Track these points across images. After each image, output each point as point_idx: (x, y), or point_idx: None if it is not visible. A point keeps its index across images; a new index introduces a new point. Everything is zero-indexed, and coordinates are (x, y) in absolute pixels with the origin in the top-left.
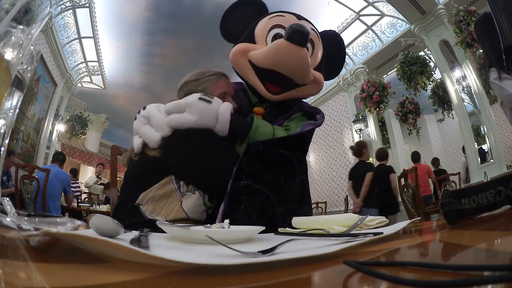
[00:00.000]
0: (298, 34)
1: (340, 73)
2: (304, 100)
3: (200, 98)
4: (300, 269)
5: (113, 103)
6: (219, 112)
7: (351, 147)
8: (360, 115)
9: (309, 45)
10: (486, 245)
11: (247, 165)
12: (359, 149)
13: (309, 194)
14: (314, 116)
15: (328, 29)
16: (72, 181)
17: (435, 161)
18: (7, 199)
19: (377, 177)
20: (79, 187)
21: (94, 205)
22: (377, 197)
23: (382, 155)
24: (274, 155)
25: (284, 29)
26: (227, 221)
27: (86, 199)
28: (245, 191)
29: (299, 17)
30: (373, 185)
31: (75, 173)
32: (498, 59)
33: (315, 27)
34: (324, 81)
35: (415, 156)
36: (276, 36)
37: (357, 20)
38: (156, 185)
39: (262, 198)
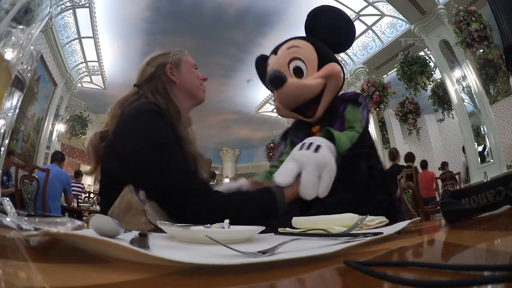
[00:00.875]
0: (271, 84)
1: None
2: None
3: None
4: (300, 269)
5: (112, 103)
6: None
7: (389, 152)
8: None
9: (299, 62)
10: (486, 245)
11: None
12: (396, 154)
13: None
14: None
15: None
16: (75, 182)
17: (445, 165)
18: (7, 199)
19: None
20: (83, 188)
21: (94, 205)
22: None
23: (393, 156)
24: (358, 157)
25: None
26: (227, 221)
27: (86, 199)
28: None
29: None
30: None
31: (78, 174)
32: None
33: (303, 36)
34: (339, 53)
35: (423, 164)
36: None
37: (357, 20)
38: (117, 200)
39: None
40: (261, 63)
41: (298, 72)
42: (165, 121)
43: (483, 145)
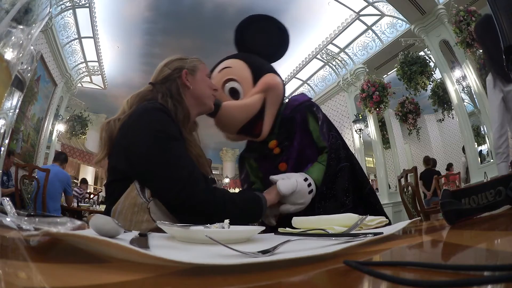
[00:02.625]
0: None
1: (340, 73)
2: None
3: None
4: (300, 269)
5: (113, 103)
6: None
7: (425, 160)
8: (360, 115)
9: (233, 83)
10: (486, 245)
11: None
12: (428, 161)
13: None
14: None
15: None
16: (79, 188)
17: (449, 166)
18: (7, 199)
19: (427, 178)
20: (82, 194)
21: (94, 205)
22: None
23: (428, 161)
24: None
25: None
26: (227, 221)
27: (86, 199)
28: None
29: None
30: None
31: (85, 182)
32: (495, 64)
33: (235, 53)
34: (276, 61)
35: (448, 166)
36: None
37: (357, 20)
38: (122, 197)
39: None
40: None
41: (234, 93)
42: (171, 119)
43: (481, 146)
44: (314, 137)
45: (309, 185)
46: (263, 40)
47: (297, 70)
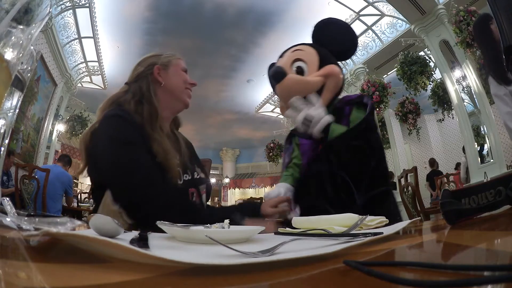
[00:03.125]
0: (272, 78)
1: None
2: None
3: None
4: (300, 269)
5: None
6: (323, 118)
7: (430, 162)
8: None
9: (301, 63)
10: (486, 245)
11: (326, 158)
12: (434, 162)
13: (386, 176)
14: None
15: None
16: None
17: (458, 166)
18: (7, 199)
19: (432, 180)
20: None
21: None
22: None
23: (434, 163)
24: (348, 147)
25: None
26: (227, 221)
27: (86, 199)
28: (324, 178)
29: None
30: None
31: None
32: (494, 65)
33: (309, 42)
34: (342, 61)
35: (457, 166)
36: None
37: (357, 20)
38: (100, 205)
39: (342, 186)
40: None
41: (300, 72)
42: (129, 123)
43: (481, 145)
44: (351, 122)
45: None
46: (336, 40)
47: None
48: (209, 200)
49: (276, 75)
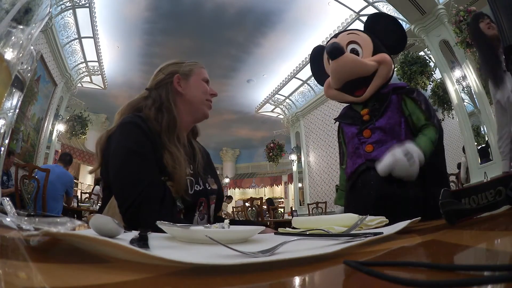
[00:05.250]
0: (329, 53)
1: None
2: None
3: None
4: (300, 269)
5: (113, 103)
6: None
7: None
8: None
9: (356, 45)
10: (486, 245)
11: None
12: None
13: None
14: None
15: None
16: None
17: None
18: (7, 199)
19: None
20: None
21: (94, 205)
22: None
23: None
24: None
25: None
26: (227, 221)
27: (86, 199)
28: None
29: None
30: None
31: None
32: (485, 65)
33: (364, 29)
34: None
35: (458, 165)
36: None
37: (357, 20)
38: (106, 206)
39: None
40: (316, 54)
41: (355, 54)
42: (143, 132)
43: (485, 144)
44: (413, 119)
45: (410, 158)
46: (388, 34)
47: (297, 70)
48: (219, 210)
49: (334, 51)
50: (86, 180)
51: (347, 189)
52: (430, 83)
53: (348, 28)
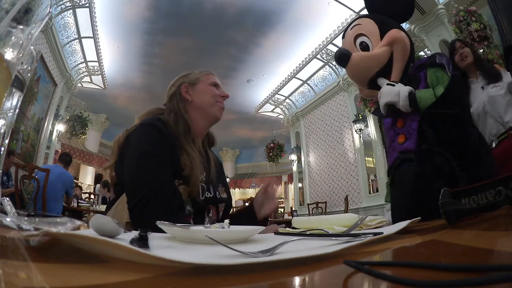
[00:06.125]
0: (338, 63)
1: (340, 73)
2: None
3: (387, 84)
4: (300, 269)
5: (113, 103)
6: (400, 91)
7: None
8: (360, 115)
9: (363, 37)
10: (486, 245)
11: (425, 132)
12: None
13: (485, 143)
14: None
15: None
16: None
17: None
18: (7, 199)
19: None
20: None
21: (94, 205)
22: None
23: None
24: (441, 115)
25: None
26: (227, 221)
27: (87, 199)
28: (427, 154)
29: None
30: None
31: (106, 185)
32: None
33: (370, 15)
34: (402, 23)
35: None
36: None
37: None
38: (117, 201)
39: (441, 159)
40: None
41: (365, 47)
42: (161, 134)
43: None
44: (429, 85)
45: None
46: (390, 2)
47: (297, 70)
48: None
49: (340, 59)
50: (86, 180)
51: (388, 185)
52: None
53: (353, 20)
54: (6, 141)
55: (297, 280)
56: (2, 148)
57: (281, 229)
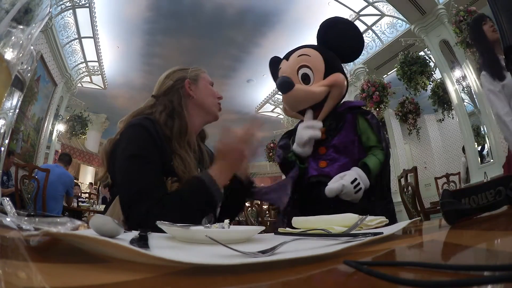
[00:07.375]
0: (280, 89)
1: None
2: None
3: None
4: (300, 269)
5: (113, 103)
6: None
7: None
8: None
9: (307, 69)
10: (486, 245)
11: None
12: None
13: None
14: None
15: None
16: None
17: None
18: (7, 199)
19: None
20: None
21: (94, 205)
22: None
23: None
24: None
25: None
26: (227, 221)
27: (87, 199)
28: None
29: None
30: None
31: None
32: (488, 62)
33: (315, 44)
34: (348, 62)
35: None
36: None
37: (357, 20)
38: (112, 204)
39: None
40: (274, 64)
41: (306, 79)
42: (150, 135)
43: (482, 145)
44: (363, 138)
45: (356, 186)
46: (343, 42)
47: None
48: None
49: (284, 86)
50: (86, 180)
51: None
52: (430, 83)
53: (301, 46)
54: (6, 141)
55: (297, 280)
56: (2, 148)
57: (281, 229)
